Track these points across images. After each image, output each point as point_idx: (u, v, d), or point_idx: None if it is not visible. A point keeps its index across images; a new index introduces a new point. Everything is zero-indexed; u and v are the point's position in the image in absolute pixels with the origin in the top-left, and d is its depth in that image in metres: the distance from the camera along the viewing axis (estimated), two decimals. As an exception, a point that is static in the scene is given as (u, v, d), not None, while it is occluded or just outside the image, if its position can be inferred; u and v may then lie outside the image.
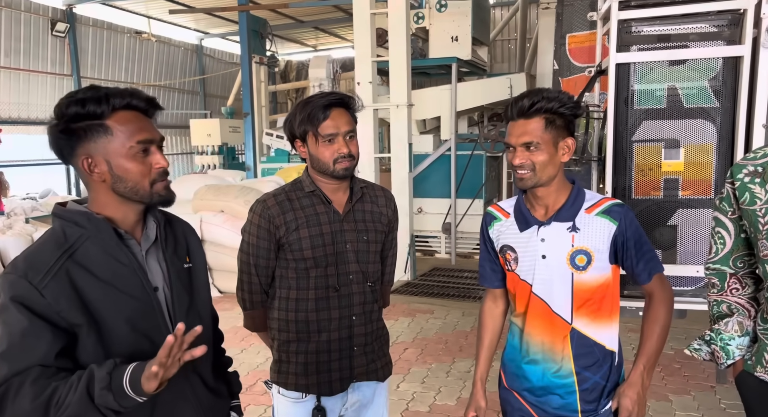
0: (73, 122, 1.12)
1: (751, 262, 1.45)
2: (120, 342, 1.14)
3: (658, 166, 2.78)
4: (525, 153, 1.42)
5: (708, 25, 2.72)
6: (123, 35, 13.67)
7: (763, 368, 1.35)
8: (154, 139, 1.18)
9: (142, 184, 1.17)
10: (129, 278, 1.16)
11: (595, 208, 1.47)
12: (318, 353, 1.67)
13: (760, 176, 1.32)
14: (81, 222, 1.15)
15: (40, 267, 1.09)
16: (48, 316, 1.07)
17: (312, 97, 1.65)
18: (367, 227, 1.71)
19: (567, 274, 1.46)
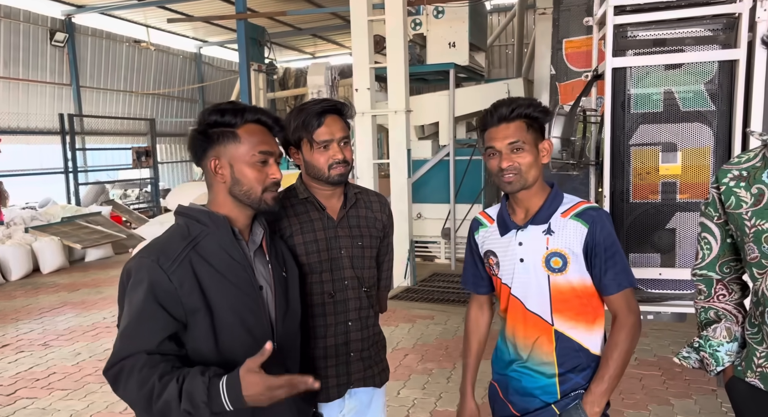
0: (210, 127, 1.30)
1: (737, 267, 1.45)
2: (228, 331, 1.26)
3: (655, 169, 2.78)
4: (511, 155, 1.46)
5: (703, 29, 2.73)
6: (122, 44, 13.73)
7: (753, 373, 1.34)
8: (273, 152, 1.33)
9: (255, 190, 1.30)
10: (240, 274, 1.29)
11: (570, 211, 1.50)
12: (315, 359, 1.67)
13: (745, 180, 1.33)
14: (203, 219, 1.30)
15: (170, 254, 1.23)
16: (169, 303, 1.20)
17: (305, 104, 1.66)
18: (361, 233, 1.72)
19: (543, 277, 1.49)
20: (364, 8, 5.86)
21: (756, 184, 1.30)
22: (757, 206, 1.29)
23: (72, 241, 7.94)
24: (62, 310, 5.79)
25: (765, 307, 1.28)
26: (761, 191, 1.29)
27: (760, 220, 1.28)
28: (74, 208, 9.66)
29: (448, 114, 7.27)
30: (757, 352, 1.34)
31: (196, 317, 1.23)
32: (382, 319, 1.86)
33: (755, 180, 1.31)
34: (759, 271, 1.30)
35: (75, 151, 10.99)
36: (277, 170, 1.34)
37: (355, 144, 6.32)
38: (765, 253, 1.27)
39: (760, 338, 1.33)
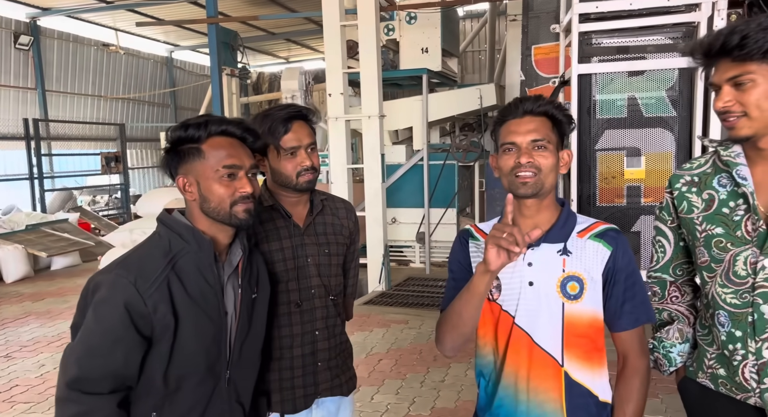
0: (178, 144, 1.25)
1: (690, 269, 1.49)
2: (184, 357, 1.21)
3: (620, 174, 2.86)
4: (532, 152, 1.25)
5: (664, 38, 2.82)
6: (89, 48, 13.46)
7: (704, 374, 1.37)
8: (242, 165, 1.26)
9: (223, 205, 1.24)
10: (211, 300, 1.24)
11: (588, 231, 1.30)
12: (281, 371, 1.64)
13: (696, 185, 1.36)
14: (186, 236, 1.24)
15: (149, 275, 1.17)
16: (143, 326, 1.15)
17: (270, 110, 1.62)
18: (328, 240, 1.70)
19: (557, 304, 1.27)
20: (337, 13, 5.87)
21: (707, 190, 1.33)
22: (708, 211, 1.32)
23: (37, 249, 7.72)
24: (26, 321, 5.61)
25: (715, 309, 1.31)
26: (712, 197, 1.32)
27: (710, 225, 1.31)
28: (40, 215, 9.38)
29: (421, 119, 7.32)
30: (707, 353, 1.37)
31: (161, 341, 1.18)
32: (356, 325, 1.84)
33: (706, 186, 1.34)
34: (709, 274, 1.33)
35: (40, 156, 10.68)
36: (246, 183, 1.26)
37: (329, 149, 6.30)
38: (714, 257, 1.30)
39: (710, 340, 1.37)
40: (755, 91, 1.17)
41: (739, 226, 1.26)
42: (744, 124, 1.19)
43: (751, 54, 1.14)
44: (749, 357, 1.25)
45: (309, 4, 11.08)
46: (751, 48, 1.13)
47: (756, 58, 1.15)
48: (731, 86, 1.19)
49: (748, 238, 1.24)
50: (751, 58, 1.15)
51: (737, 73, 1.17)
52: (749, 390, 1.26)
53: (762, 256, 1.22)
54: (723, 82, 1.19)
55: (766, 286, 1.22)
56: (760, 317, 1.22)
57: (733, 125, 1.21)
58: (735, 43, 1.14)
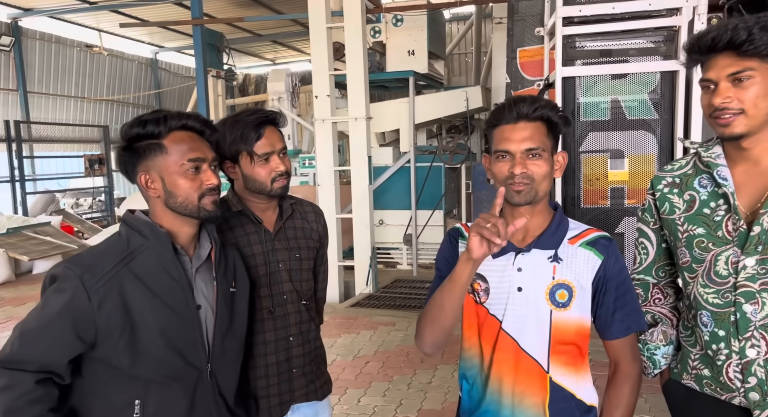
0: (135, 141, 1.24)
1: (672, 271, 1.50)
2: (150, 352, 1.20)
3: (604, 176, 2.89)
4: (526, 161, 1.22)
5: (646, 41, 2.86)
6: (72, 49, 13.28)
7: (689, 375, 1.38)
8: (205, 158, 1.27)
9: (191, 199, 1.24)
10: (176, 294, 1.23)
11: (579, 238, 1.29)
12: (256, 379, 1.60)
13: (678, 187, 1.37)
14: (145, 232, 1.24)
15: (98, 271, 1.17)
16: (81, 324, 1.15)
17: (239, 115, 1.58)
18: (299, 244, 1.67)
19: (545, 311, 1.26)
20: (323, 15, 5.86)
21: (688, 191, 1.35)
22: (689, 212, 1.33)
23: (18, 252, 7.59)
24: (7, 325, 5.51)
25: (697, 310, 1.32)
26: (693, 198, 1.33)
27: (692, 226, 1.32)
28: (21, 218, 9.23)
29: (408, 121, 7.33)
30: (691, 354, 1.38)
31: (111, 336, 1.17)
32: (343, 327, 1.83)
33: (687, 187, 1.35)
34: (690, 275, 1.34)
35: (22, 159, 10.52)
36: (212, 175, 1.27)
37: (315, 151, 6.29)
38: (696, 258, 1.31)
39: (693, 341, 1.38)
40: (754, 88, 1.17)
41: (720, 226, 1.27)
42: (740, 122, 1.19)
43: (758, 49, 1.14)
44: (733, 356, 1.25)
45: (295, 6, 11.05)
46: (758, 43, 1.14)
47: (761, 55, 1.15)
48: (729, 82, 1.18)
49: (729, 238, 1.25)
50: (758, 53, 1.15)
51: (739, 69, 1.17)
52: (734, 390, 1.27)
53: (743, 256, 1.23)
54: (722, 78, 1.19)
55: (747, 286, 1.23)
56: (743, 316, 1.23)
57: (729, 122, 1.20)
58: (744, 38, 1.14)
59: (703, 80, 1.24)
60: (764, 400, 1.23)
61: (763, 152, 1.24)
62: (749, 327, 1.23)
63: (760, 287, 1.22)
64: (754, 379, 1.24)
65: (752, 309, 1.22)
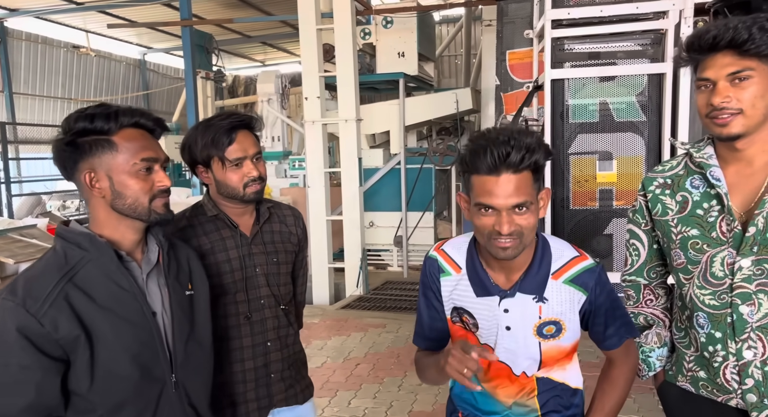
0: (80, 136, 1.13)
1: (663, 272, 1.49)
2: (112, 370, 1.12)
3: (593, 177, 2.91)
4: (513, 217, 1.13)
5: (633, 44, 2.88)
6: (59, 49, 13.15)
7: (684, 377, 1.38)
8: (158, 158, 1.18)
9: (141, 201, 1.16)
10: (129, 303, 1.14)
11: (563, 272, 1.25)
12: (233, 384, 1.58)
13: (669, 188, 1.36)
14: (83, 244, 1.13)
15: (39, 294, 1.06)
16: (48, 347, 1.06)
17: (212, 119, 1.55)
18: (276, 248, 1.64)
19: (534, 344, 1.27)
20: (313, 17, 5.85)
21: (680, 192, 1.33)
22: (683, 213, 1.32)
23: (3, 255, 7.48)
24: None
25: (693, 311, 1.31)
26: (685, 198, 1.32)
27: (686, 227, 1.31)
28: (7, 220, 9.11)
29: (398, 123, 7.33)
30: (686, 356, 1.37)
31: (77, 350, 1.08)
32: (334, 329, 1.81)
33: (679, 188, 1.34)
34: (685, 276, 1.33)
35: (7, 161, 10.38)
36: (164, 176, 1.19)
37: (305, 153, 6.27)
38: (691, 259, 1.30)
39: (687, 342, 1.37)
40: (753, 88, 1.16)
41: (714, 227, 1.26)
42: (738, 122, 1.18)
43: (759, 49, 1.14)
44: (730, 358, 1.25)
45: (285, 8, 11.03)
46: (759, 43, 1.13)
47: (760, 55, 1.15)
48: (728, 82, 1.18)
49: (724, 238, 1.24)
50: (758, 53, 1.15)
51: (739, 69, 1.16)
52: (731, 391, 1.26)
53: (739, 257, 1.22)
54: (721, 77, 1.18)
55: (744, 287, 1.22)
56: (739, 318, 1.22)
57: (727, 122, 1.19)
58: (745, 38, 1.14)
59: (701, 79, 1.22)
60: (762, 401, 1.22)
61: (756, 153, 1.24)
62: (746, 328, 1.22)
63: (756, 288, 1.21)
64: (751, 381, 1.23)
65: (749, 310, 1.22)
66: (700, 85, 1.24)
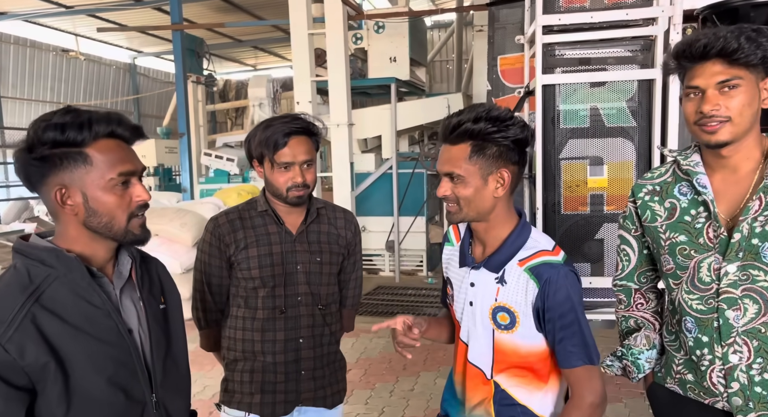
0: (49, 148, 1.01)
1: (653, 277, 1.52)
2: (88, 395, 1.03)
3: (584, 182, 2.91)
4: (448, 184, 1.25)
5: (623, 50, 2.90)
6: (48, 53, 13.05)
7: (672, 379, 1.40)
8: (136, 170, 1.09)
9: (119, 219, 1.06)
10: (103, 322, 1.05)
11: (528, 260, 1.25)
12: (264, 373, 1.65)
13: (658, 194, 1.39)
14: (48, 260, 1.03)
15: (3, 317, 0.96)
16: (10, 376, 0.96)
17: (274, 120, 1.61)
18: (321, 248, 1.69)
19: (488, 330, 1.29)
20: (304, 22, 5.85)
21: (669, 199, 1.36)
22: (671, 220, 1.35)
23: (-10, 262, 7.38)
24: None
25: (682, 315, 1.34)
26: (674, 205, 1.35)
27: (674, 233, 1.34)
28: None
29: (390, 127, 7.34)
30: (675, 358, 1.39)
31: (46, 384, 0.99)
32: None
33: (668, 194, 1.37)
34: (674, 281, 1.36)
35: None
36: (142, 190, 1.09)
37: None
38: (680, 265, 1.33)
39: (677, 345, 1.39)
40: (741, 97, 1.19)
41: (701, 233, 1.28)
42: (727, 130, 1.20)
43: (748, 58, 1.16)
44: (716, 362, 1.27)
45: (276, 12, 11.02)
46: (748, 52, 1.16)
47: (751, 64, 1.17)
48: (717, 90, 1.20)
49: (710, 244, 1.27)
50: (746, 63, 1.17)
51: (728, 77, 1.18)
52: (717, 394, 1.28)
53: (725, 262, 1.24)
54: (711, 85, 1.20)
55: (729, 292, 1.24)
56: (725, 322, 1.24)
57: (715, 130, 1.21)
58: (736, 47, 1.16)
59: (690, 87, 1.24)
60: (746, 404, 1.25)
61: (740, 160, 1.27)
62: (732, 333, 1.25)
63: (742, 293, 1.23)
64: (736, 385, 1.25)
65: (734, 315, 1.24)
66: (689, 92, 1.26)
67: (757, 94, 1.21)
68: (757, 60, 1.17)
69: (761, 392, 1.23)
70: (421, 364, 4.19)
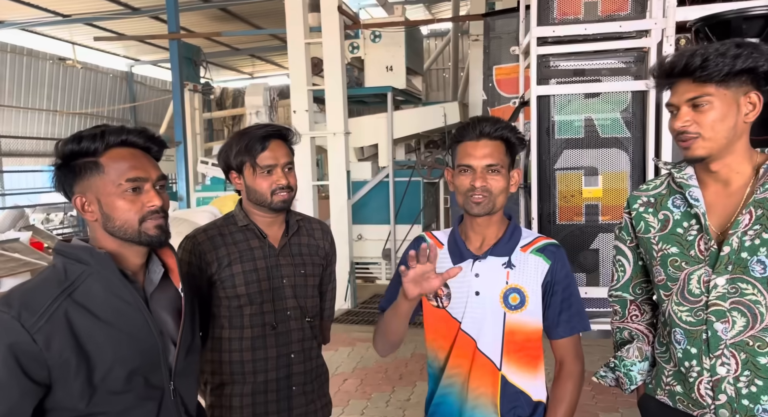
0: (71, 159, 1.12)
1: (648, 288, 1.53)
2: (109, 387, 1.09)
3: (579, 192, 2.93)
4: (486, 176, 1.36)
5: (617, 61, 2.93)
6: (45, 62, 13.05)
7: (662, 391, 1.41)
8: (148, 177, 1.15)
9: (131, 223, 1.13)
10: (133, 318, 1.13)
11: (530, 246, 1.43)
12: (254, 395, 1.61)
13: (652, 206, 1.41)
14: (83, 258, 1.11)
15: (36, 308, 1.03)
16: (33, 368, 1.02)
17: (249, 128, 1.62)
18: (304, 261, 1.68)
19: (499, 313, 1.39)
20: (301, 31, 5.88)
21: (662, 211, 1.38)
22: (663, 231, 1.37)
23: (-15, 270, 7.34)
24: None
25: (672, 327, 1.35)
26: (667, 217, 1.37)
27: (666, 245, 1.35)
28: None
29: (386, 136, 7.36)
30: (665, 370, 1.40)
31: (67, 377, 1.05)
32: (322, 344, 1.82)
33: (662, 206, 1.39)
34: (665, 292, 1.37)
35: (-9, 173, 10.26)
36: (155, 196, 1.15)
37: (293, 166, 6.26)
38: (670, 276, 1.34)
39: (668, 357, 1.40)
40: (711, 113, 1.21)
41: (693, 245, 1.30)
42: (699, 145, 1.23)
43: (711, 76, 1.19)
44: (704, 374, 1.28)
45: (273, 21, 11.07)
46: (711, 70, 1.18)
47: (715, 81, 1.20)
48: (689, 107, 1.23)
49: (701, 257, 1.28)
50: (711, 80, 1.19)
51: (696, 95, 1.21)
52: (705, 406, 1.29)
53: (714, 275, 1.25)
54: (682, 103, 1.24)
55: (718, 304, 1.25)
56: (714, 334, 1.26)
57: (689, 145, 1.25)
58: (697, 65, 1.19)
59: (668, 105, 1.29)
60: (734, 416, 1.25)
61: (731, 174, 1.28)
62: (720, 345, 1.26)
63: (730, 306, 1.25)
64: (724, 397, 1.26)
65: (723, 327, 1.25)
66: (669, 110, 1.30)
67: (732, 109, 1.22)
68: (720, 77, 1.19)
69: (748, 405, 1.24)
70: (417, 373, 4.18)
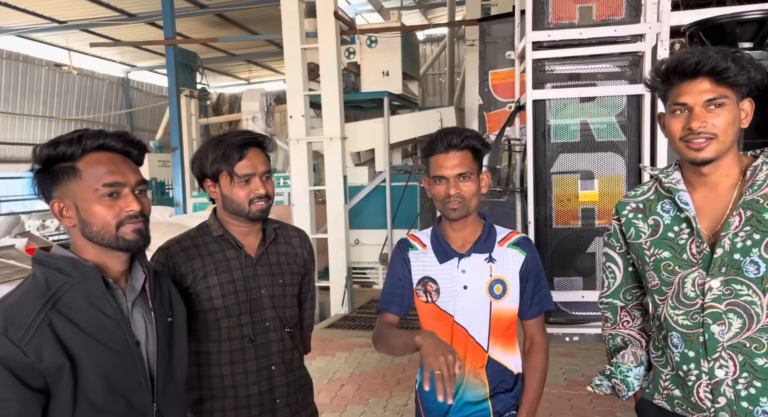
0: (47, 165, 1.11)
1: (638, 294, 1.53)
2: (91, 401, 1.07)
3: (575, 196, 2.94)
4: (458, 183, 1.50)
5: (612, 66, 2.94)
6: (41, 68, 13.04)
7: (660, 395, 1.40)
8: (125, 182, 1.13)
9: (108, 228, 1.11)
10: (112, 331, 1.11)
11: (506, 240, 1.61)
12: (237, 410, 1.55)
13: (642, 212, 1.41)
14: (65, 269, 1.09)
15: (21, 321, 1.02)
16: (30, 378, 1.01)
17: (225, 135, 1.57)
18: (282, 270, 1.63)
19: (486, 303, 1.55)
20: (297, 37, 5.89)
21: (652, 216, 1.39)
22: (654, 236, 1.37)
23: (-20, 277, 7.30)
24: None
25: (668, 331, 1.35)
26: (657, 222, 1.37)
27: (658, 250, 1.35)
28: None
29: (383, 141, 7.37)
30: (662, 374, 1.40)
31: (59, 386, 1.04)
32: (318, 350, 1.79)
33: (651, 212, 1.39)
34: (660, 297, 1.37)
35: (-14, 179, 10.22)
36: (132, 201, 1.12)
37: (291, 171, 6.26)
38: (664, 280, 1.34)
39: (664, 361, 1.40)
40: (726, 115, 1.22)
41: (685, 249, 1.30)
42: (712, 147, 1.23)
43: (737, 78, 1.19)
44: (703, 377, 1.28)
45: (269, 27, 11.11)
46: (735, 72, 1.19)
47: (735, 84, 1.20)
48: (703, 108, 1.23)
49: (694, 260, 1.29)
50: (734, 82, 1.20)
51: (716, 96, 1.21)
52: (704, 409, 1.29)
53: (708, 278, 1.26)
54: (699, 103, 1.23)
55: (714, 307, 1.25)
56: (711, 337, 1.26)
57: (702, 147, 1.24)
58: (725, 67, 1.19)
59: (676, 104, 1.27)
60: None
61: (720, 177, 1.29)
62: (717, 347, 1.26)
63: (726, 308, 1.25)
64: (723, 399, 1.26)
65: (719, 329, 1.25)
66: (675, 109, 1.28)
67: (738, 114, 1.25)
68: (743, 80, 1.20)
69: (747, 407, 1.24)
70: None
